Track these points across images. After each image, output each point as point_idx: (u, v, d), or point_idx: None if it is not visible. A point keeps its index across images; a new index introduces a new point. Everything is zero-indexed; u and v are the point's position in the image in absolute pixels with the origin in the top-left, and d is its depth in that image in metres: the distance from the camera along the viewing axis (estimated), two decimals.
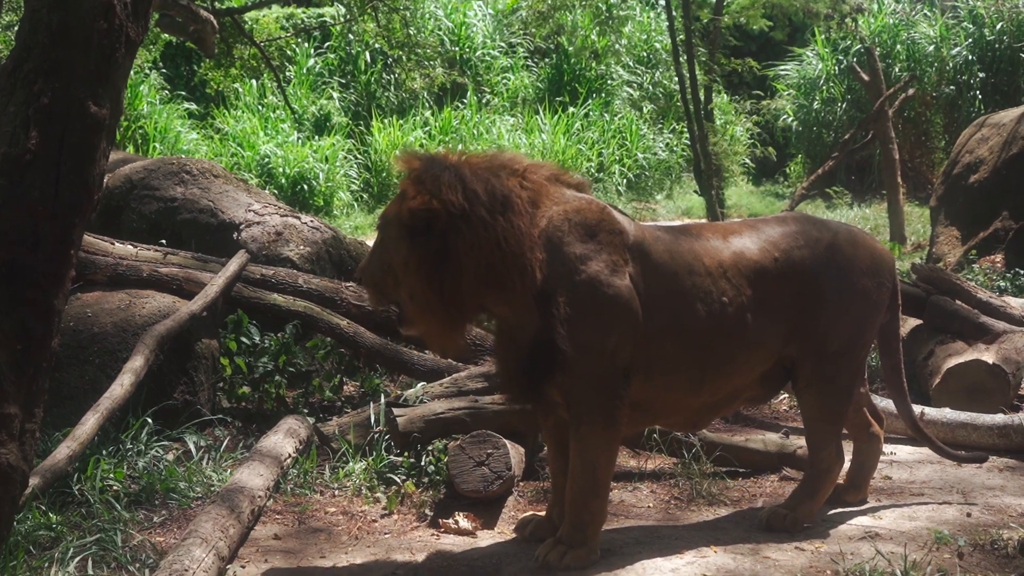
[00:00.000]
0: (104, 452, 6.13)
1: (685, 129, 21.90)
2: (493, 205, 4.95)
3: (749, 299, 5.37)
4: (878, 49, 20.69)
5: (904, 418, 6.22)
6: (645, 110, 25.34)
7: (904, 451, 7.07)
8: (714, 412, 5.71)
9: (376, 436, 6.56)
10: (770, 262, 5.46)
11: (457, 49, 24.82)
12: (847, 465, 6.02)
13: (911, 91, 18.78)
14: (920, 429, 6.20)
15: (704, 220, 17.74)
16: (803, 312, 5.49)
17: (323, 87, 23.38)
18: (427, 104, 23.45)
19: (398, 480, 6.21)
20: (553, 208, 5.12)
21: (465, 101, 23.58)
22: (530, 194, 5.09)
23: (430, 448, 6.32)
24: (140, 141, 20.30)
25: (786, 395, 7.77)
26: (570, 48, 25.37)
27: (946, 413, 7.25)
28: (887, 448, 7.04)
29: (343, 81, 23.81)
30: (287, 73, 22.64)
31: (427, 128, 22.49)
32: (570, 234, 5.06)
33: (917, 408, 7.31)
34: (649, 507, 6.08)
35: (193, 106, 22.70)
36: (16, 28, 4.54)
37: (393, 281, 5.17)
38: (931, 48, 23.33)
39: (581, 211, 5.15)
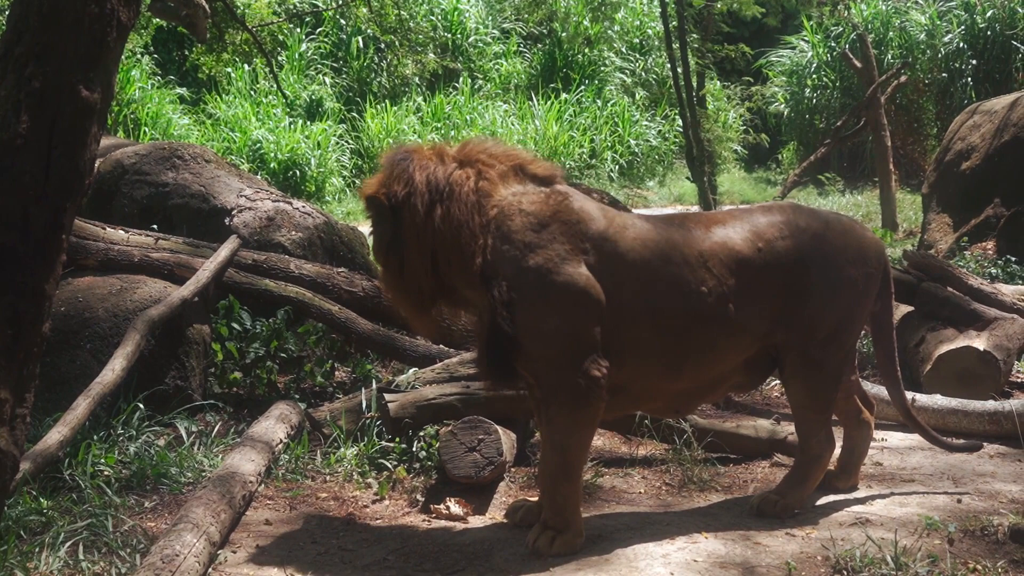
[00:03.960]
0: (95, 437, 6.13)
1: (678, 116, 21.93)
2: (433, 194, 5.21)
3: (731, 288, 5.37)
4: (871, 36, 20.69)
5: (898, 406, 6.21)
6: (638, 96, 25.35)
7: (895, 437, 7.08)
8: (698, 398, 5.73)
9: (368, 422, 6.56)
10: (754, 252, 5.46)
11: (449, 35, 24.81)
12: (838, 451, 6.04)
13: (903, 78, 18.80)
14: (914, 417, 6.21)
15: (696, 207, 17.77)
16: (788, 301, 5.49)
17: (315, 72, 23.35)
18: (420, 90, 23.42)
19: (390, 466, 6.21)
20: (508, 197, 5.24)
21: (458, 87, 23.56)
22: (484, 184, 5.25)
23: (421, 434, 6.32)
24: (131, 126, 20.26)
25: (777, 381, 7.76)
26: (563, 34, 25.37)
27: (937, 399, 7.27)
28: (878, 435, 7.05)
29: (335, 66, 23.78)
30: (279, 58, 22.59)
31: (419, 114, 22.48)
32: (519, 223, 5.17)
33: (908, 395, 7.34)
34: (640, 493, 6.09)
35: (185, 91, 22.65)
36: (7, 12, 4.53)
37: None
38: (923, 35, 23.36)
39: (535, 201, 5.25)
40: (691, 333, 5.33)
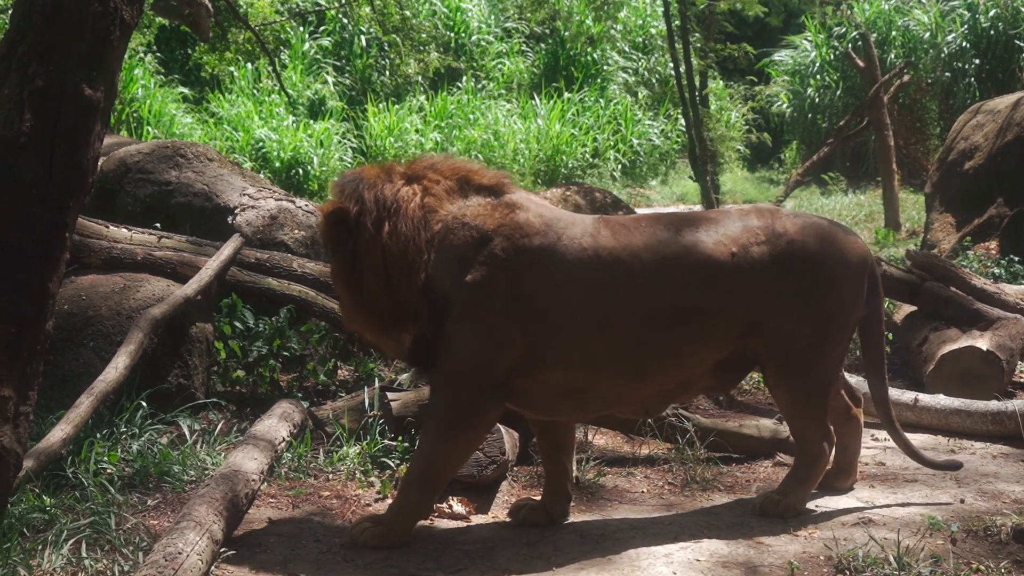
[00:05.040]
0: (98, 435, 6.13)
1: (680, 115, 21.92)
2: (381, 211, 5.24)
3: (696, 295, 5.31)
4: (873, 36, 20.67)
5: (882, 418, 6.08)
6: (640, 96, 25.35)
7: None
8: (666, 400, 5.65)
9: (370, 420, 6.57)
10: (725, 257, 5.35)
11: (452, 34, 24.80)
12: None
13: (906, 78, 18.78)
14: (897, 430, 6.06)
15: (699, 206, 17.77)
16: (764, 307, 5.40)
17: (318, 71, 23.33)
18: (422, 89, 23.41)
19: (392, 464, 6.21)
20: (453, 211, 5.27)
21: (460, 86, 23.55)
22: (430, 199, 5.28)
23: None
24: (134, 125, 20.24)
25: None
26: (566, 33, 25.36)
27: (940, 399, 7.27)
28: (881, 435, 7.05)
29: (338, 65, 23.76)
30: (282, 57, 22.58)
31: (422, 113, 22.46)
32: (460, 237, 5.20)
33: (911, 394, 7.35)
34: (643, 492, 6.09)
35: (187, 90, 22.64)
36: (11, 11, 4.54)
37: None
38: (926, 35, 23.32)
39: (480, 214, 5.26)
40: (651, 340, 5.28)
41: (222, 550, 4.97)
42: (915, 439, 6.94)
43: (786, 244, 5.46)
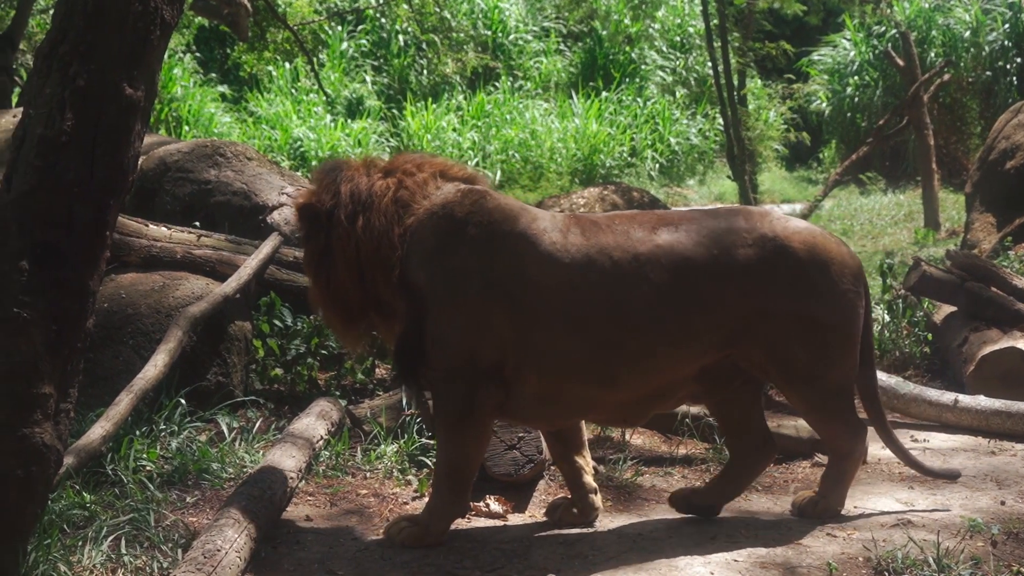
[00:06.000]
0: (137, 432, 6.16)
1: (718, 114, 21.87)
2: (355, 206, 5.26)
3: (673, 296, 5.14)
4: (913, 34, 20.54)
5: (875, 423, 5.82)
6: (678, 95, 25.28)
7: (938, 439, 7.03)
8: (646, 408, 5.46)
9: (408, 419, 6.57)
10: (706, 258, 5.18)
11: (490, 33, 24.81)
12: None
13: (946, 76, 18.65)
14: (891, 435, 5.83)
15: (736, 204, 17.69)
16: (749, 313, 5.19)
17: (356, 70, 23.41)
18: (460, 88, 23.43)
19: (429, 463, 6.21)
20: (425, 205, 5.25)
21: (498, 85, 23.56)
22: (404, 193, 5.27)
23: None
24: (173, 124, 20.37)
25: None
26: (603, 32, 25.34)
27: (980, 401, 7.21)
28: (920, 435, 7.01)
29: (376, 64, 23.83)
30: (320, 56, 22.67)
31: (460, 112, 22.48)
32: (431, 229, 5.19)
33: (951, 395, 7.30)
34: None
35: (226, 89, 22.77)
36: (52, 11, 4.58)
37: None
38: (967, 33, 23.14)
39: (448, 205, 5.23)
40: (623, 342, 5.14)
41: (260, 547, 4.99)
42: (955, 441, 6.91)
43: (775, 248, 5.25)
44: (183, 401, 6.55)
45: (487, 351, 5.09)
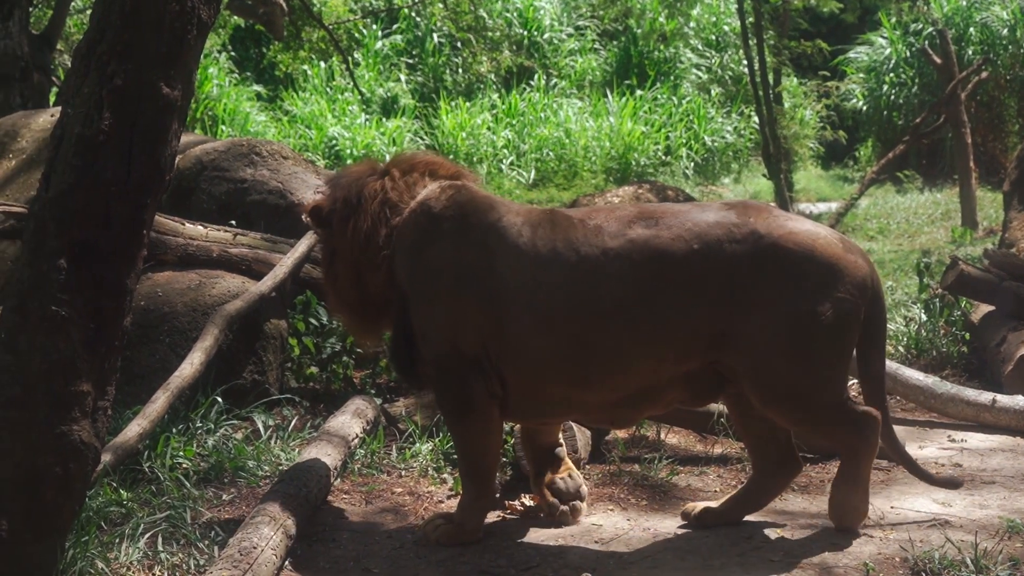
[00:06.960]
0: (174, 430, 6.20)
1: (753, 112, 21.76)
2: (347, 208, 5.35)
3: (645, 293, 4.96)
4: (951, 32, 20.39)
5: (887, 444, 5.47)
6: (713, 93, 25.17)
7: (975, 439, 6.97)
8: (630, 410, 5.27)
9: (442, 417, 6.58)
10: (686, 253, 4.95)
11: (525, 32, 24.79)
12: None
13: (984, 74, 18.50)
14: (900, 450, 5.58)
15: (773, 204, 17.63)
16: (734, 315, 4.94)
17: (391, 69, 23.43)
18: (495, 87, 23.43)
19: None
20: (411, 204, 5.32)
21: (533, 84, 23.54)
22: (392, 194, 5.34)
23: None
24: (209, 123, 20.45)
25: (854, 380, 7.51)
26: (638, 31, 25.26)
27: (1019, 400, 7.15)
28: (958, 435, 6.96)
29: (411, 63, 23.85)
30: (355, 56, 22.71)
31: (494, 111, 22.48)
32: (412, 226, 5.27)
33: (989, 395, 7.24)
34: (716, 492, 6.05)
35: (261, 88, 22.84)
36: (90, 11, 4.60)
37: None
38: (1005, 31, 22.95)
39: (427, 201, 5.30)
40: (592, 342, 4.99)
41: (296, 545, 5.01)
42: (993, 440, 6.86)
43: (767, 246, 4.96)
44: (219, 399, 6.58)
45: (468, 342, 5.11)
